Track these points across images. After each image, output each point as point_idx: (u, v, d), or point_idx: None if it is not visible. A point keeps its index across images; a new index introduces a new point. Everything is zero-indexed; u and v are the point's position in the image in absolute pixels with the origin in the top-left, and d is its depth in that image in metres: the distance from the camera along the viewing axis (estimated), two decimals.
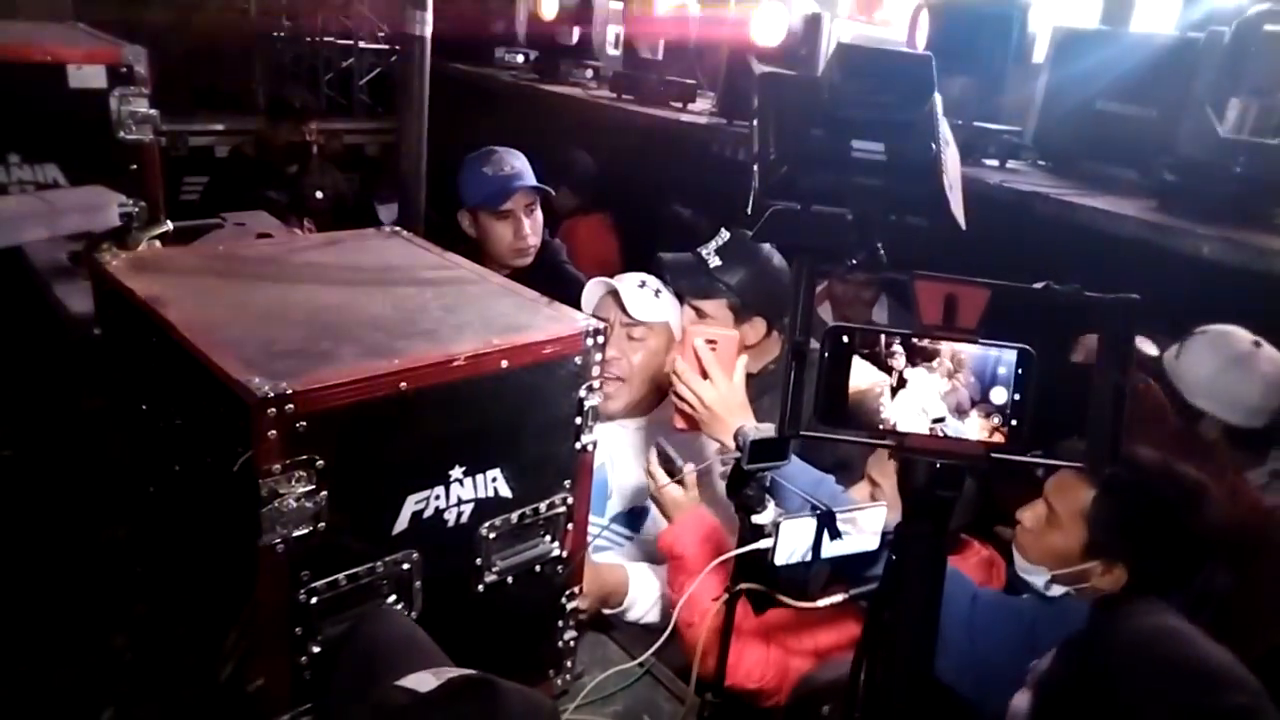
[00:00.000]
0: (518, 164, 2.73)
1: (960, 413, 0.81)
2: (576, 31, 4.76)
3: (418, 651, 1.01)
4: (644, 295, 2.07)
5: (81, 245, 1.71)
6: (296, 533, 1.08)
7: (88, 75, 1.84)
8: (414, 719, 0.81)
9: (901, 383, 0.81)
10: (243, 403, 1.03)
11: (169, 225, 1.76)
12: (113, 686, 1.42)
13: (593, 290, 2.12)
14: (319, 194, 4.10)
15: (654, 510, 1.94)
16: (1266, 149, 2.36)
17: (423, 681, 0.85)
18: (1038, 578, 1.58)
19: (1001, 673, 1.45)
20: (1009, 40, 2.94)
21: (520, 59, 5.13)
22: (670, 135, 3.83)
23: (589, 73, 4.69)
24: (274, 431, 1.03)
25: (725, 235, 2.14)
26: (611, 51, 4.75)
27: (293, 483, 1.07)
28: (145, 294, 1.29)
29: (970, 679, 1.45)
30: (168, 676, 1.44)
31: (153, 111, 1.90)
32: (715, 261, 2.12)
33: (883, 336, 0.82)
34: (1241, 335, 2.05)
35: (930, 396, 0.81)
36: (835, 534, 1.41)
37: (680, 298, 2.14)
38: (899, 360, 0.81)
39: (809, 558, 1.41)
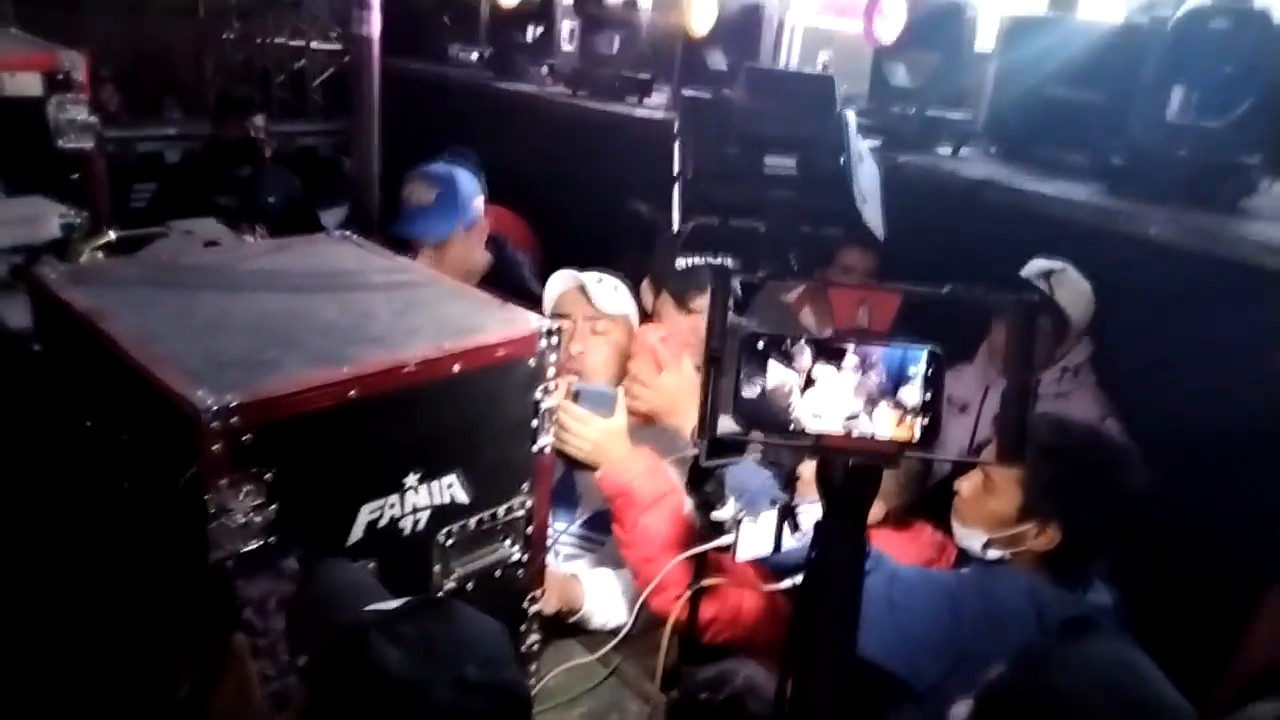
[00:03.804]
0: (426, 196, 2.52)
1: (870, 405, 0.84)
2: (537, 30, 4.72)
3: (374, 591, 1.06)
4: (605, 288, 2.07)
5: (21, 258, 1.67)
6: (245, 548, 1.06)
7: (22, 83, 1.80)
8: (383, 631, 0.86)
9: (810, 381, 0.84)
10: (186, 416, 1.01)
11: (112, 235, 1.73)
12: (67, 709, 1.39)
13: (556, 284, 2.11)
14: (271, 199, 4.04)
15: None
16: (1210, 132, 2.40)
17: (387, 604, 0.93)
18: (974, 541, 1.65)
19: (928, 647, 1.51)
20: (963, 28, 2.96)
21: (474, 56, 5.08)
22: (626, 131, 3.82)
23: (545, 69, 4.66)
24: (219, 445, 1.01)
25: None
26: (566, 48, 4.72)
27: (241, 497, 1.05)
28: (84, 307, 1.26)
29: (898, 655, 1.50)
30: (124, 698, 1.41)
31: (92, 119, 1.87)
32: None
33: (787, 339, 0.84)
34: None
35: (841, 394, 0.84)
36: (795, 526, 1.42)
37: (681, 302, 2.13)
38: (805, 359, 0.84)
39: (770, 551, 1.42)
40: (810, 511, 1.40)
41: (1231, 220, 2.29)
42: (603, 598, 1.77)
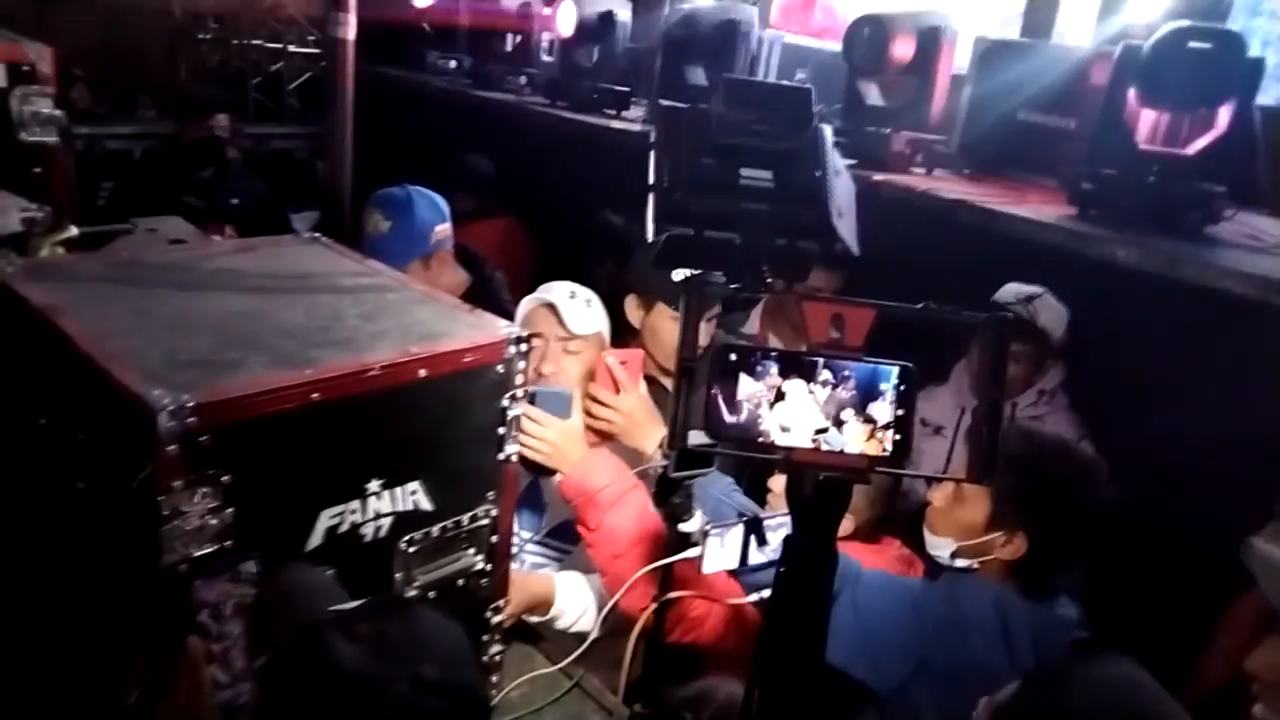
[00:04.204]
0: (383, 225, 2.45)
1: (839, 423, 0.84)
2: (515, 39, 4.73)
3: (337, 594, 1.05)
4: (578, 306, 2.04)
5: None
6: (199, 552, 1.03)
7: None
8: (339, 627, 0.86)
9: (780, 395, 0.83)
10: (141, 416, 0.99)
11: (74, 230, 1.69)
12: (12, 715, 1.35)
13: (527, 303, 2.09)
14: (234, 200, 3.99)
15: None
16: (1177, 160, 2.43)
17: (345, 604, 0.94)
18: (943, 550, 1.65)
19: (891, 650, 1.51)
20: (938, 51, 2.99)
21: (453, 64, 5.07)
22: (603, 143, 3.81)
23: (523, 79, 4.66)
24: (175, 446, 0.99)
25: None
26: (546, 58, 4.73)
27: (196, 500, 1.02)
28: (42, 302, 1.23)
29: (861, 659, 1.50)
30: (73, 704, 1.37)
31: (57, 112, 1.83)
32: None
33: (758, 352, 0.84)
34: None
35: (811, 408, 0.83)
36: (762, 540, 1.42)
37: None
38: (775, 373, 0.83)
39: (736, 565, 1.42)
40: (778, 526, 1.40)
41: (1196, 247, 2.32)
42: (573, 597, 1.76)
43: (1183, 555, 2.14)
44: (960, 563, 1.63)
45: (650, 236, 0.95)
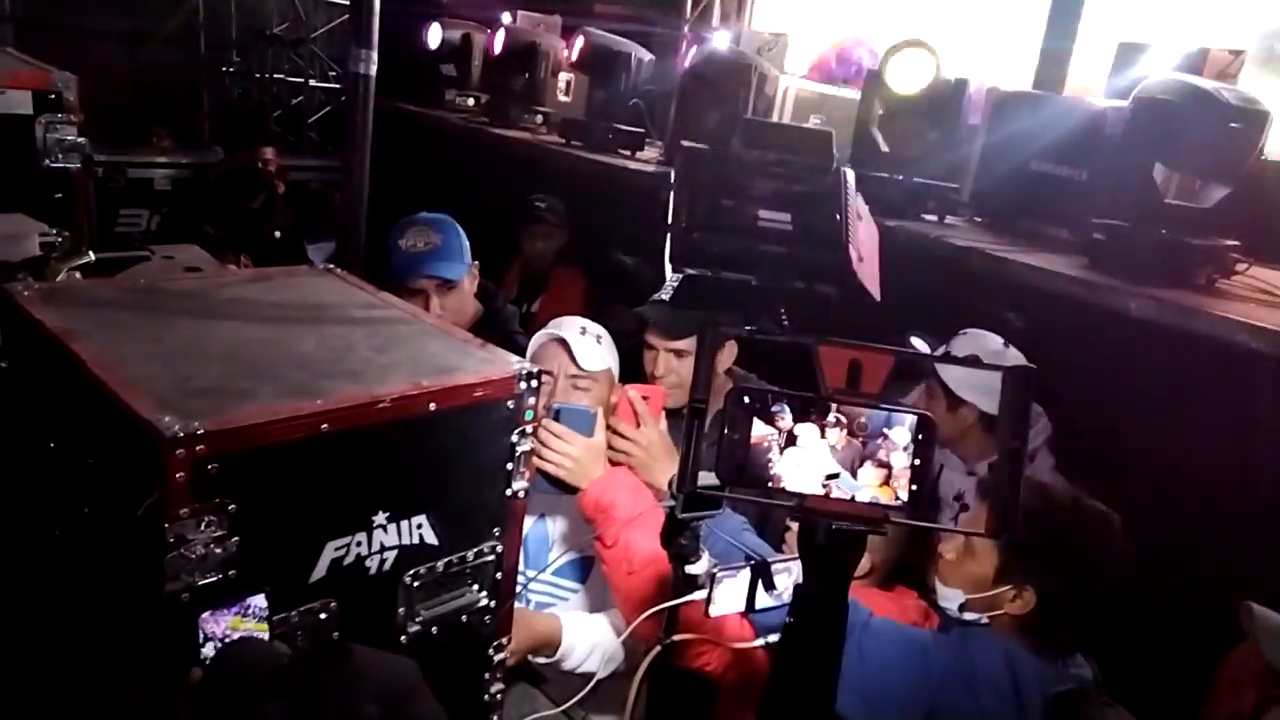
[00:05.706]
0: (435, 239, 2.45)
1: (854, 471, 0.82)
2: (530, 78, 4.79)
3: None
4: (589, 343, 2.05)
5: None
6: (203, 581, 1.02)
7: (13, 100, 1.80)
8: (267, 685, 0.81)
9: (791, 439, 0.82)
10: (150, 442, 0.99)
11: (90, 256, 1.71)
12: None
13: (537, 340, 2.10)
14: (278, 233, 4.07)
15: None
16: (1190, 212, 2.44)
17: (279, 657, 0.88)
18: (952, 602, 1.63)
19: (895, 701, 1.47)
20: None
21: (470, 101, 5.14)
22: (616, 183, 3.85)
23: (539, 118, 4.72)
24: (182, 473, 0.98)
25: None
26: (562, 98, 4.79)
27: (201, 528, 1.02)
28: (55, 326, 1.23)
29: (861, 705, 1.45)
30: None
31: (80, 140, 1.85)
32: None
33: (771, 395, 0.83)
34: (995, 337, 2.24)
35: (822, 454, 0.82)
36: (770, 585, 1.40)
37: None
38: (785, 419, 0.82)
39: (743, 610, 1.40)
40: (786, 571, 1.38)
41: (1209, 300, 2.32)
42: (581, 636, 1.74)
43: (1183, 605, 2.10)
44: (969, 616, 1.60)
45: (668, 276, 0.96)
